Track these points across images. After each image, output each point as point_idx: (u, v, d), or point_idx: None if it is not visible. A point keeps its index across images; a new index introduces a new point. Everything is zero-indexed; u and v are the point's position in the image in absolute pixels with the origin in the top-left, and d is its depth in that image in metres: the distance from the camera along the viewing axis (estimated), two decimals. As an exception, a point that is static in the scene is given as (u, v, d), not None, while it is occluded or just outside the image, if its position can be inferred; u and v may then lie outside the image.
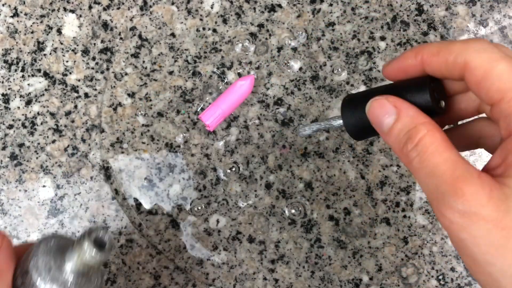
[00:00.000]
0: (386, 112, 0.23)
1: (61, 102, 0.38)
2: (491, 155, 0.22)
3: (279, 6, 0.38)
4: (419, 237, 0.37)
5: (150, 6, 0.39)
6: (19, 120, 0.38)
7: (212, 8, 0.38)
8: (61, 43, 0.38)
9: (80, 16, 0.38)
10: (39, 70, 0.38)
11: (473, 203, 0.19)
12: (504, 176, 0.20)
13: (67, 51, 0.38)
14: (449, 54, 0.21)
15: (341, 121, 0.26)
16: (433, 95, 0.22)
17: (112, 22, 0.38)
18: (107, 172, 0.38)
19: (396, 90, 0.23)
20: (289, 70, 0.38)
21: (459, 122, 0.25)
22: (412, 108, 0.22)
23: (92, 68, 0.38)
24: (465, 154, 0.38)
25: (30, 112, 0.38)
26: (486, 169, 0.21)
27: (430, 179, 0.21)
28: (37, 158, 0.37)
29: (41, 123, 0.38)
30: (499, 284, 0.19)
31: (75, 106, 0.38)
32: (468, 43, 0.21)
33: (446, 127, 0.26)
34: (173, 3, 0.39)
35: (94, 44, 0.38)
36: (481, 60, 0.20)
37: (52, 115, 0.38)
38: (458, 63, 0.21)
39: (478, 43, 0.21)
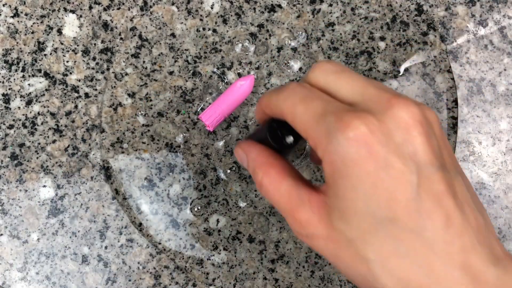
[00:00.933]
0: (241, 159, 0.27)
1: (62, 102, 0.38)
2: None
3: (279, 6, 0.38)
4: (418, 237, 0.37)
5: (150, 7, 0.39)
6: (20, 120, 0.38)
7: (212, 8, 0.39)
8: (62, 43, 0.38)
9: (81, 16, 0.39)
10: (39, 70, 0.38)
11: (308, 228, 0.23)
12: (326, 196, 0.22)
13: (68, 51, 0.38)
14: (271, 107, 0.25)
15: None
16: (273, 134, 0.25)
17: (112, 22, 0.39)
18: (107, 172, 0.38)
19: (259, 132, 0.27)
20: (289, 70, 0.38)
21: None
22: (254, 150, 0.26)
23: (93, 68, 0.38)
24: (464, 154, 0.38)
25: (30, 112, 0.38)
26: (321, 189, 0.24)
27: (280, 211, 0.24)
28: (37, 158, 0.38)
29: (42, 123, 0.38)
30: (353, 280, 0.23)
31: (76, 106, 0.38)
32: (279, 93, 0.24)
33: None
34: (173, 4, 0.39)
35: (95, 44, 0.38)
36: (287, 108, 0.23)
37: (53, 115, 0.38)
38: (279, 114, 0.24)
39: (285, 91, 0.24)
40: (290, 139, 0.25)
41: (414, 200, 0.20)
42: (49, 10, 0.39)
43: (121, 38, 0.38)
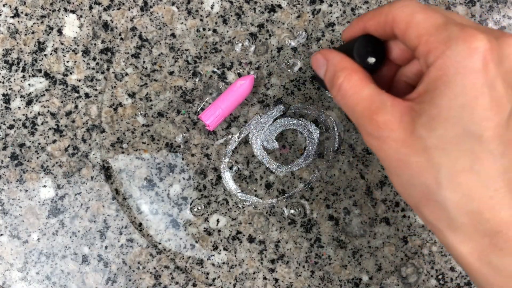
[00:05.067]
0: (319, 64, 0.28)
1: (62, 102, 0.38)
2: None
3: (279, 6, 0.38)
4: (418, 237, 0.37)
5: (151, 7, 0.39)
6: (20, 120, 0.38)
7: (212, 8, 0.39)
8: (62, 44, 0.38)
9: (81, 16, 0.39)
10: (39, 70, 0.38)
11: (385, 129, 0.23)
12: (415, 102, 0.23)
13: (68, 51, 0.38)
14: (380, 15, 0.25)
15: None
16: (359, 51, 0.26)
17: (112, 22, 0.39)
18: (107, 172, 0.38)
19: (343, 48, 0.28)
20: (289, 70, 0.38)
21: None
22: (337, 56, 0.27)
23: (93, 68, 0.38)
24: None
25: (30, 112, 0.38)
26: (407, 97, 0.24)
27: (353, 116, 0.25)
28: (37, 158, 0.38)
29: (42, 123, 0.38)
30: (408, 191, 0.24)
31: (76, 106, 0.38)
32: (394, 3, 0.25)
33: None
34: (173, 4, 0.39)
35: (95, 44, 0.38)
36: (403, 14, 0.24)
37: (53, 115, 0.38)
38: (388, 21, 0.25)
39: (401, 2, 0.25)
40: (372, 59, 0.26)
41: (502, 127, 0.21)
42: (49, 10, 0.39)
43: (121, 38, 0.38)
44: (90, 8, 0.39)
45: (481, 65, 0.21)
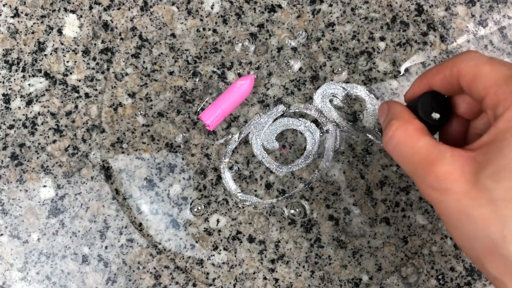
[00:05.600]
0: (383, 112, 0.28)
1: (62, 102, 0.38)
2: None
3: (279, 6, 0.38)
4: (418, 237, 0.37)
5: (151, 7, 0.39)
6: (20, 120, 0.38)
7: (212, 8, 0.39)
8: (62, 44, 0.38)
9: (81, 16, 0.39)
10: (39, 70, 0.38)
11: (446, 181, 0.23)
12: (478, 152, 0.23)
13: (68, 51, 0.38)
14: (445, 69, 0.26)
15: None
16: (424, 107, 0.27)
17: (112, 22, 0.39)
18: (107, 172, 0.38)
19: (408, 105, 0.28)
20: (289, 70, 0.38)
21: None
22: (399, 107, 0.27)
23: (93, 68, 0.38)
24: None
25: (30, 112, 0.38)
26: (468, 148, 0.24)
27: (409, 167, 0.25)
28: (37, 158, 0.38)
29: (42, 123, 0.38)
30: (470, 244, 0.23)
31: (76, 106, 0.38)
32: (458, 56, 0.25)
33: None
34: (173, 4, 0.39)
35: (95, 44, 0.38)
36: (469, 67, 0.24)
37: (53, 115, 0.38)
38: (454, 75, 0.25)
39: (466, 55, 0.25)
40: (437, 115, 0.27)
41: None
42: (49, 10, 0.39)
43: (121, 38, 0.38)
44: (90, 8, 0.39)
45: None
